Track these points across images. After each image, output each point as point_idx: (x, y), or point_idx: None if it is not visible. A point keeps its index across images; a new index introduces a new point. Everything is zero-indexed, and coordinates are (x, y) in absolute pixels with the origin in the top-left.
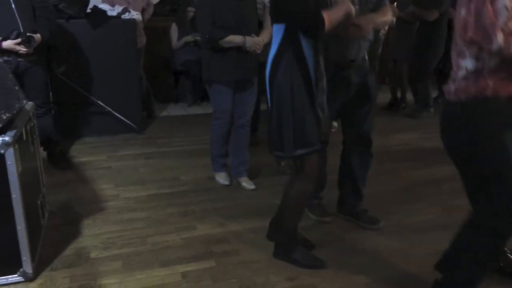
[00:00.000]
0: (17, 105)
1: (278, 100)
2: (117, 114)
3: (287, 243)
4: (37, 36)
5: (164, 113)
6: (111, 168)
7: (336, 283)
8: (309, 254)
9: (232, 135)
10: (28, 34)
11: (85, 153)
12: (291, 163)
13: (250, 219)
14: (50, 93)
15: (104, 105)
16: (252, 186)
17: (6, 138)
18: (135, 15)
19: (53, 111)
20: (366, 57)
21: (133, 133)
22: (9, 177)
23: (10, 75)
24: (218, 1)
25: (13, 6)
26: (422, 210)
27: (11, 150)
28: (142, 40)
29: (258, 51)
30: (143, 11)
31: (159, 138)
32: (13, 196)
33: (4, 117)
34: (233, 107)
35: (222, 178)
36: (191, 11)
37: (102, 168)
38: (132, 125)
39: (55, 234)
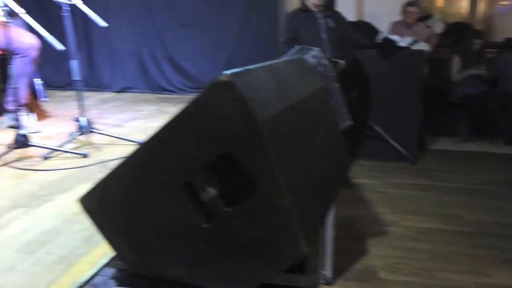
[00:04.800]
0: (342, 125)
1: None
2: (393, 142)
3: None
4: (342, 62)
5: (435, 146)
6: (386, 193)
7: None
8: None
9: None
10: (333, 59)
11: (361, 175)
12: None
13: None
14: None
15: (382, 131)
16: None
17: None
18: (424, 46)
19: None
20: None
21: (405, 162)
22: None
23: (340, 97)
24: None
25: (325, 35)
26: None
27: None
28: (424, 70)
29: None
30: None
31: (434, 171)
32: None
33: None
34: None
35: None
36: (477, 43)
37: (378, 192)
38: (407, 154)
39: (343, 246)
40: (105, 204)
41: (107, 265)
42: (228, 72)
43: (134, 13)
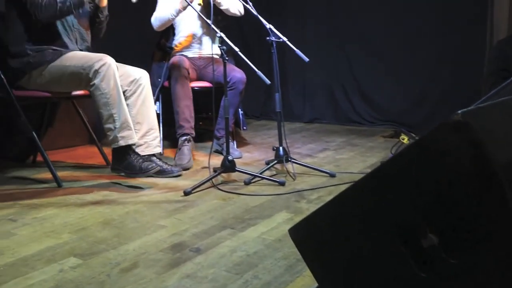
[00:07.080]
0: None
1: None
2: None
3: None
4: None
5: None
6: None
7: None
8: None
9: None
10: None
11: None
12: None
13: None
14: None
15: None
16: None
17: None
18: None
19: None
20: None
21: None
22: None
23: None
24: None
25: None
26: None
27: None
28: None
29: None
30: None
31: None
32: None
33: None
34: None
35: None
36: None
37: None
38: None
39: None
40: (314, 238)
41: None
42: (461, 111)
43: (326, 47)
